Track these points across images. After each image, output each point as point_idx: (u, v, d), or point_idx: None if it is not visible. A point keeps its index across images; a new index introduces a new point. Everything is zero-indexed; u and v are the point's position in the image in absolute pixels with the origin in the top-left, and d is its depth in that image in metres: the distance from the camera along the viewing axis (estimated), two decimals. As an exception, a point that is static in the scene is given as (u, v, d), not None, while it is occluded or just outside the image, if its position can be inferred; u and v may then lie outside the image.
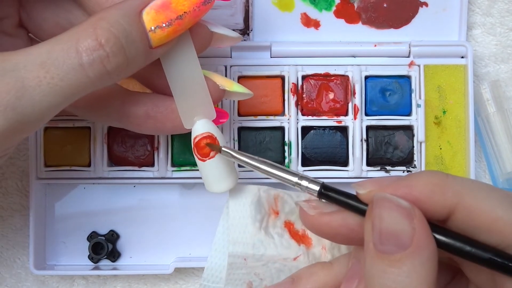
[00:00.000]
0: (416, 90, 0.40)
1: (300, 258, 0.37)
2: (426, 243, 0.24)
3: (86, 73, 0.27)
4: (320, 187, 0.29)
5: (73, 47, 0.27)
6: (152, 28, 0.28)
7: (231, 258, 0.37)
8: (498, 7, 0.43)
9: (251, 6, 0.41)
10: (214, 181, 0.33)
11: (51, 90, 0.26)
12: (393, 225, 0.24)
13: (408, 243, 0.23)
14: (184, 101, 0.32)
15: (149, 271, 0.41)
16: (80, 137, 0.40)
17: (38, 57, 0.26)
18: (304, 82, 0.40)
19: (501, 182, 0.41)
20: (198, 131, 0.32)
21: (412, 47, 0.40)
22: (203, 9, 0.29)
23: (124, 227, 0.42)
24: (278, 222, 0.38)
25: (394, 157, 0.40)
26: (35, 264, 0.40)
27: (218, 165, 0.32)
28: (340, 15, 0.41)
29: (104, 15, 0.27)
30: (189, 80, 0.32)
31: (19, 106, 0.26)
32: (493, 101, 0.41)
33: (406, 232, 0.24)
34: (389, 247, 0.24)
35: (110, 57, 0.27)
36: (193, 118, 0.32)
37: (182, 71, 0.31)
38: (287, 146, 0.40)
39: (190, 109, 0.32)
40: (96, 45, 0.27)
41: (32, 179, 0.40)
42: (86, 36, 0.27)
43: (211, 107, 0.33)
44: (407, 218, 0.24)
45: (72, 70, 0.26)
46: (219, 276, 0.38)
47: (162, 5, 0.29)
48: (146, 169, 0.40)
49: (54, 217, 0.41)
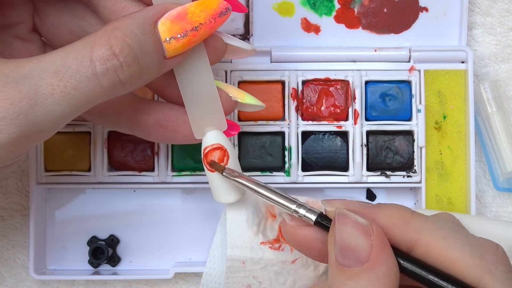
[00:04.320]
0: (416, 95, 0.40)
1: (298, 261, 0.37)
2: (383, 259, 0.25)
3: (100, 82, 0.27)
4: (317, 217, 0.29)
5: (87, 56, 0.26)
6: (167, 38, 0.28)
7: (230, 262, 0.37)
8: (498, 7, 0.43)
9: (252, 11, 0.41)
10: (222, 193, 0.33)
11: (64, 99, 0.26)
12: (352, 240, 0.25)
13: (365, 258, 0.24)
14: (195, 111, 0.32)
15: (149, 276, 0.41)
16: (80, 142, 0.40)
17: (52, 65, 0.26)
18: (304, 87, 0.40)
19: (501, 182, 0.41)
20: (209, 142, 0.32)
21: (413, 52, 0.40)
22: (219, 21, 0.29)
23: (124, 232, 0.42)
24: (275, 225, 0.38)
25: (395, 162, 0.40)
26: (35, 268, 0.40)
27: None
28: (340, 20, 0.41)
29: (119, 25, 0.27)
30: (202, 91, 0.31)
31: (32, 114, 0.26)
32: (493, 101, 0.41)
33: (363, 247, 0.25)
34: (348, 261, 0.25)
35: (124, 67, 0.27)
36: (204, 129, 0.32)
37: (195, 82, 0.31)
38: (287, 151, 0.40)
39: (202, 120, 0.32)
40: (110, 54, 0.27)
41: (32, 184, 0.40)
42: (100, 45, 0.27)
43: (222, 118, 0.32)
44: (364, 234, 0.25)
45: (86, 79, 0.26)
46: (218, 282, 0.38)
47: (177, 16, 0.29)
48: (146, 174, 0.40)
49: (54, 221, 0.41)
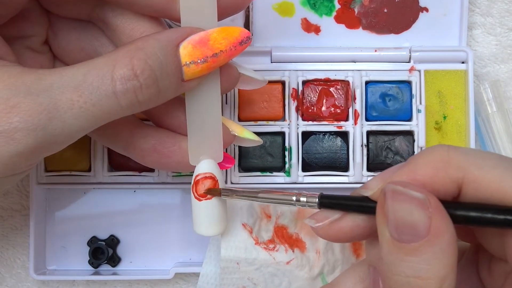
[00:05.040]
0: (416, 95, 0.40)
1: (293, 262, 0.37)
2: (445, 229, 0.23)
3: (119, 101, 0.27)
4: (318, 199, 0.29)
5: (109, 74, 0.27)
6: (187, 62, 0.28)
7: (224, 263, 0.37)
8: (498, 7, 0.43)
9: (252, 11, 0.41)
10: (204, 224, 0.33)
11: (83, 114, 0.26)
12: (408, 216, 0.24)
13: (425, 232, 0.23)
14: (196, 137, 0.32)
15: (149, 276, 0.41)
16: (80, 142, 0.39)
17: (73, 80, 0.26)
18: (304, 87, 0.40)
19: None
20: (202, 170, 0.32)
21: (413, 52, 0.40)
22: (239, 49, 0.29)
23: (124, 232, 0.42)
24: (270, 225, 0.38)
25: (395, 163, 0.40)
26: (35, 268, 0.40)
27: (213, 208, 0.32)
28: (340, 20, 0.41)
29: (142, 45, 0.28)
30: (208, 118, 0.31)
31: (50, 127, 0.26)
32: (493, 101, 0.41)
33: (422, 222, 0.23)
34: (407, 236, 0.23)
35: (143, 88, 0.27)
36: (200, 156, 0.32)
37: (203, 108, 0.31)
38: (288, 151, 0.40)
39: (200, 147, 0.32)
40: (131, 75, 0.27)
41: (33, 184, 0.40)
42: (122, 65, 0.27)
43: (220, 149, 0.32)
44: (422, 209, 0.24)
45: (105, 97, 0.27)
46: (214, 283, 0.38)
47: (200, 41, 0.29)
48: (146, 174, 0.40)
49: (54, 221, 0.41)
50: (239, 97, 0.40)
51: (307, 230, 0.38)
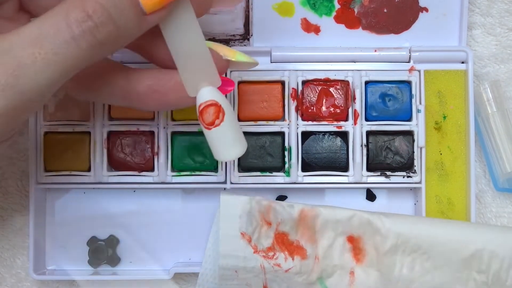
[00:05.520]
0: (416, 95, 0.40)
1: (292, 270, 0.37)
2: None
3: (79, 45, 0.27)
4: None
5: (63, 21, 0.27)
6: None
7: (222, 271, 0.37)
8: (498, 7, 0.43)
9: (251, 11, 0.41)
10: (221, 149, 0.32)
11: (47, 66, 0.27)
12: None
13: None
14: (187, 68, 0.31)
15: (149, 276, 0.41)
16: (80, 142, 0.40)
17: (30, 35, 0.27)
18: (304, 87, 0.40)
19: (501, 182, 0.41)
20: (203, 98, 0.31)
21: (412, 52, 0.40)
22: None
23: (124, 232, 0.41)
24: (271, 232, 0.38)
25: (394, 162, 0.40)
26: (34, 268, 0.40)
27: (225, 132, 0.32)
28: (340, 20, 0.41)
29: None
30: (191, 46, 0.31)
31: (17, 84, 0.27)
32: (493, 101, 0.41)
33: None
34: None
35: (99, 27, 0.27)
36: (198, 86, 0.32)
37: (183, 37, 0.30)
38: (287, 151, 0.40)
39: (194, 76, 0.31)
40: (84, 16, 0.27)
41: (32, 184, 0.40)
42: (74, 9, 0.27)
43: (215, 74, 0.32)
44: None
45: (65, 43, 0.27)
46: (213, 282, 0.38)
47: None
48: (146, 174, 0.40)
49: (54, 221, 0.41)
50: (239, 97, 0.40)
51: (308, 237, 0.38)
